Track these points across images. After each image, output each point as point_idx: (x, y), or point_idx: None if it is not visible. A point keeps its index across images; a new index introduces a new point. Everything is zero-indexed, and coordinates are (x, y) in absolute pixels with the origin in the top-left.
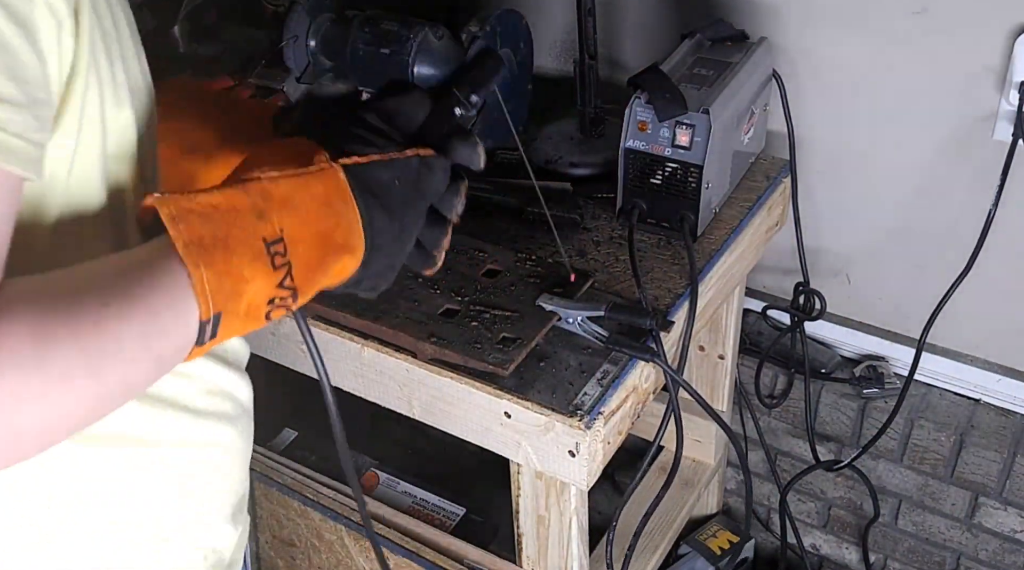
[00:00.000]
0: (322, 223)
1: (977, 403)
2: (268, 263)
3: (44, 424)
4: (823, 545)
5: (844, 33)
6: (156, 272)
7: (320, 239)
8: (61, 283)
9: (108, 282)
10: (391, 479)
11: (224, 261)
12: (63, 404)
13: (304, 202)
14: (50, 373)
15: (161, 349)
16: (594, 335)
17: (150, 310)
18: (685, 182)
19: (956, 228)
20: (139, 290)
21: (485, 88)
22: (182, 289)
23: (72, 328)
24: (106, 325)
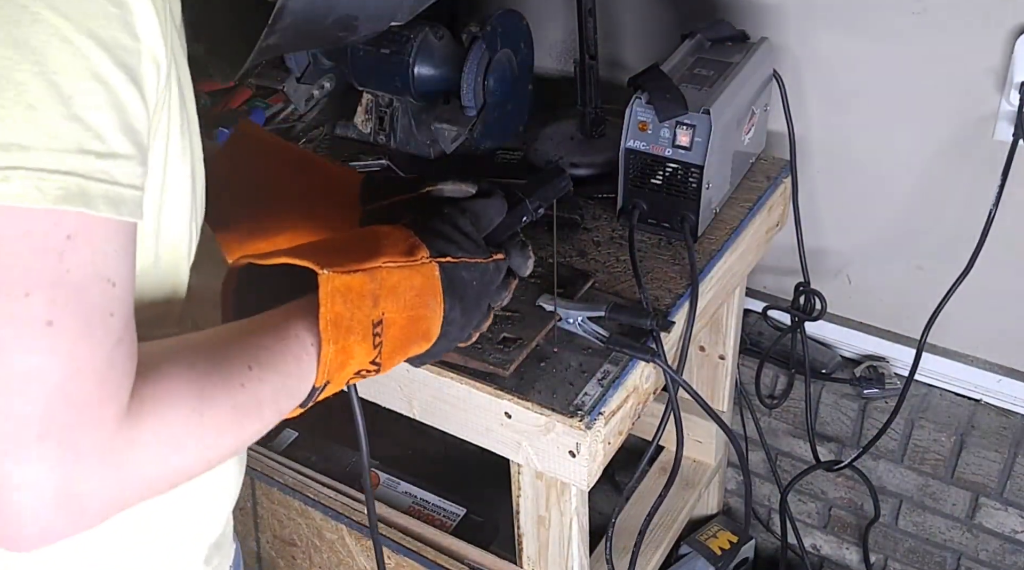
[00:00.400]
0: (415, 311)
1: (977, 403)
2: (371, 342)
3: (195, 469)
4: (823, 545)
5: (844, 33)
6: (289, 340)
7: (410, 325)
8: (207, 346)
9: (248, 346)
10: (391, 479)
11: (344, 339)
12: (213, 453)
13: (406, 291)
14: (207, 426)
15: (286, 407)
16: (594, 335)
17: (283, 373)
18: (686, 182)
19: (956, 228)
20: (275, 356)
21: (550, 202)
22: (308, 357)
23: (224, 388)
24: (251, 386)
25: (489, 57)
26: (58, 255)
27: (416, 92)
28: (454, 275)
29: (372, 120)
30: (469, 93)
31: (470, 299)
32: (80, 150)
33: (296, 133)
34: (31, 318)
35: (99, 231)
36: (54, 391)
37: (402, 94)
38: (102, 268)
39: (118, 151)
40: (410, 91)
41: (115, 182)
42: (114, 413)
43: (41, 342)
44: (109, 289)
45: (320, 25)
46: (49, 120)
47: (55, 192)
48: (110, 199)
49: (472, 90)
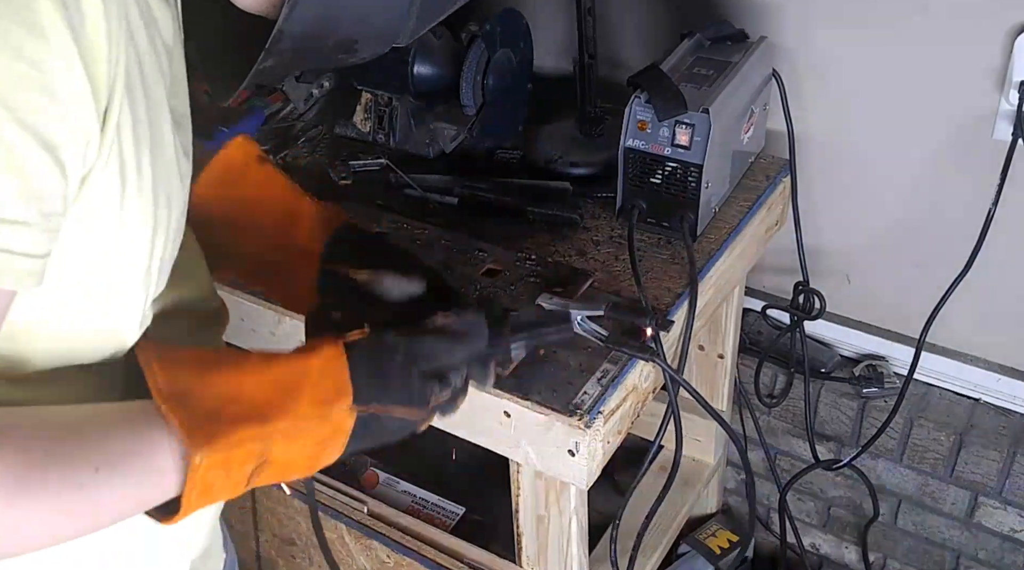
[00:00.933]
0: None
1: (977, 402)
2: (244, 483)
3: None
4: (823, 544)
5: (844, 32)
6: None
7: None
8: (56, 429)
9: (102, 442)
10: (391, 478)
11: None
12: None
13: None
14: (26, 525)
15: (132, 512)
16: (594, 334)
17: (136, 484)
18: (685, 182)
19: (956, 228)
20: (133, 464)
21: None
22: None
23: (57, 489)
24: (90, 491)
25: (488, 56)
26: None
27: (415, 91)
28: (371, 423)
29: (371, 119)
30: (468, 92)
31: (384, 437)
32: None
33: (295, 132)
34: None
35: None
36: None
37: (401, 93)
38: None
39: (12, 217)
40: (409, 90)
41: (8, 250)
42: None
43: None
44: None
45: (319, 48)
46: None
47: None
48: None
49: (471, 89)
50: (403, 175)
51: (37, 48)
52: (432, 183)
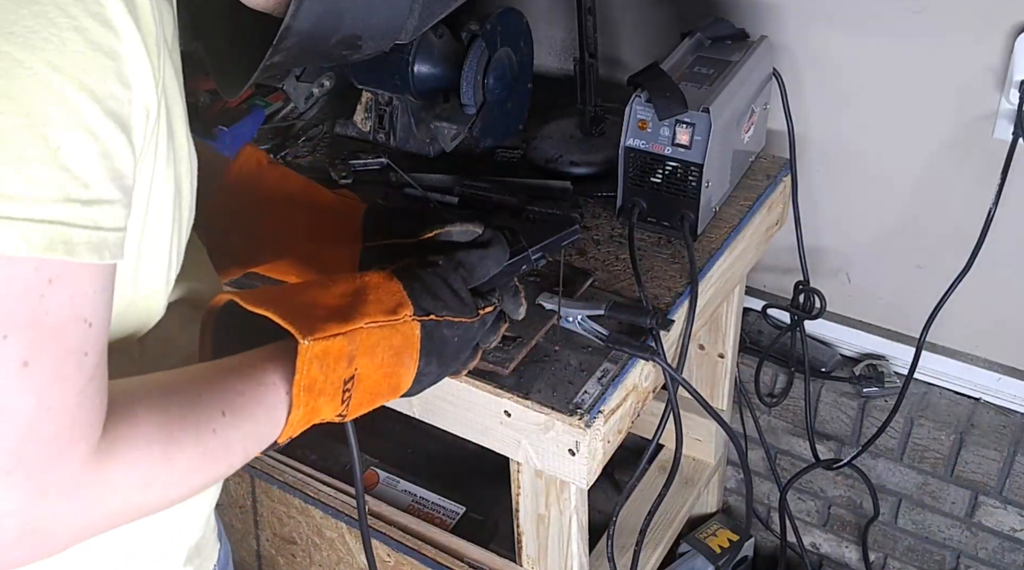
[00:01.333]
0: (388, 368)
1: (977, 402)
2: (340, 399)
3: (159, 507)
4: (823, 544)
5: (844, 32)
6: (266, 387)
7: (383, 380)
8: (182, 387)
9: (224, 391)
10: (391, 478)
11: (314, 401)
12: (179, 493)
13: (384, 350)
14: (174, 469)
15: (253, 452)
16: (594, 334)
17: (255, 421)
18: (685, 181)
19: (956, 227)
20: (250, 403)
21: (555, 252)
22: (282, 406)
23: (195, 432)
24: (223, 432)
25: (489, 55)
26: (38, 298)
27: (416, 90)
28: (435, 333)
29: (372, 118)
30: (469, 91)
31: (449, 354)
32: (66, 199)
33: (295, 131)
34: (7, 359)
35: (80, 274)
36: (25, 429)
37: (402, 92)
38: (80, 309)
39: (103, 197)
40: (410, 89)
41: (99, 227)
42: (83, 451)
43: (15, 382)
44: (85, 329)
45: (324, 45)
46: (36, 171)
47: (40, 241)
48: (93, 245)
49: (472, 88)
50: (403, 174)
51: (111, 40)
52: (432, 182)
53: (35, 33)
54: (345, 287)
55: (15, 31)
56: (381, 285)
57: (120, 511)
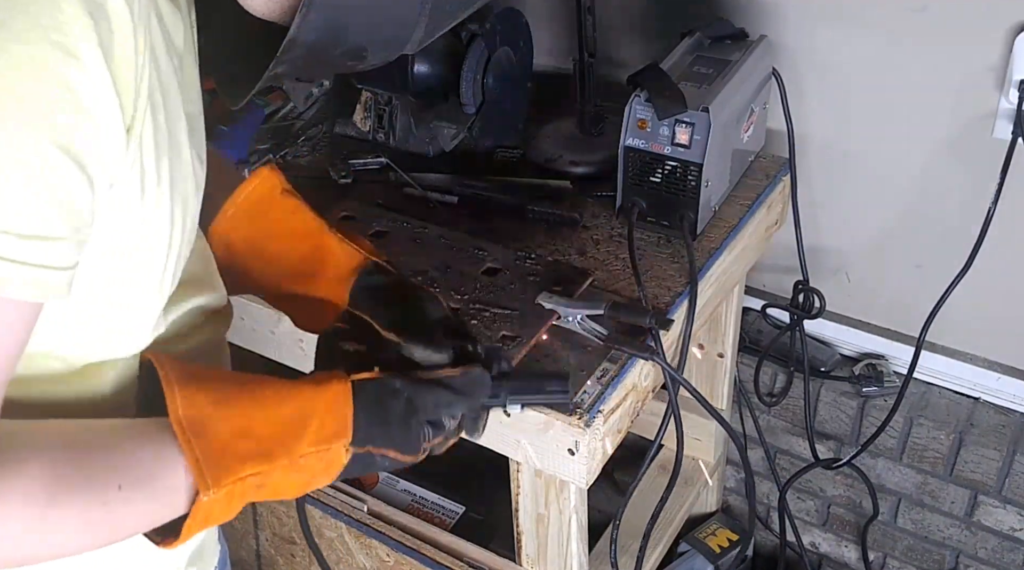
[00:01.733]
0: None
1: (976, 401)
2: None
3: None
4: (822, 543)
5: (844, 31)
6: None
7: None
8: (82, 446)
9: (129, 460)
10: (391, 477)
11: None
12: (54, 552)
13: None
14: (51, 530)
15: (144, 528)
16: (593, 333)
17: (152, 500)
18: (685, 180)
19: (956, 227)
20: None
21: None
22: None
23: (83, 499)
24: (113, 507)
25: (488, 55)
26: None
27: (415, 90)
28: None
29: (371, 118)
30: (468, 91)
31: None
32: (3, 232)
33: (295, 131)
34: None
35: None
36: None
37: (401, 92)
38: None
39: (47, 234)
40: (409, 89)
41: (39, 265)
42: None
43: None
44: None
45: (329, 55)
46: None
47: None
48: (28, 282)
49: (471, 88)
50: (403, 174)
51: (71, 70)
52: (432, 182)
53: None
54: (291, 410)
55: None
56: (331, 406)
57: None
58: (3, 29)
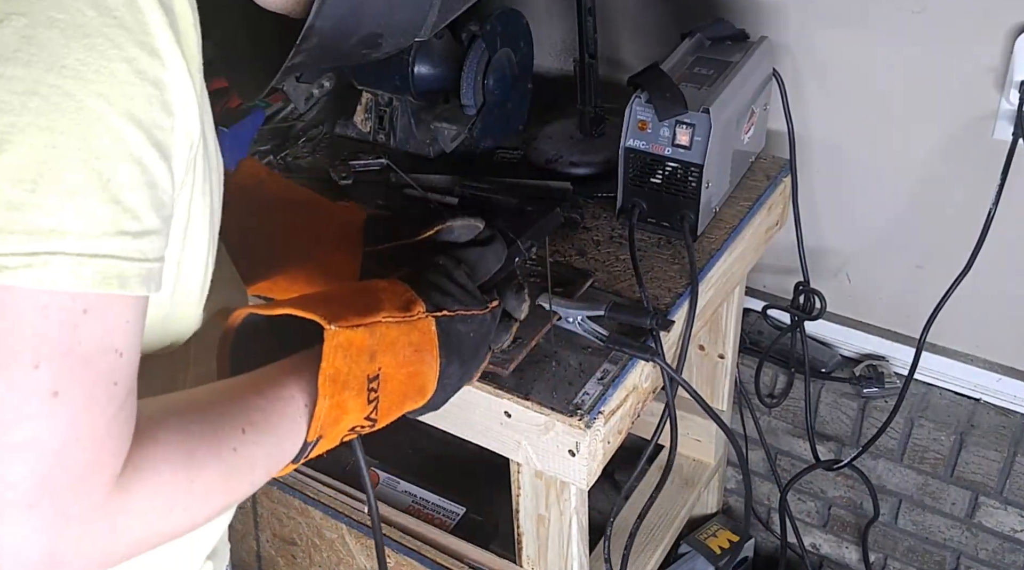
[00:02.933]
0: (411, 367)
1: (977, 402)
2: (366, 398)
3: (182, 532)
4: (823, 544)
5: (844, 32)
6: (284, 400)
7: (408, 380)
8: (201, 407)
9: (243, 408)
10: (391, 478)
11: (340, 394)
12: (201, 515)
13: (403, 347)
14: (196, 492)
15: (276, 468)
16: (594, 334)
17: (277, 435)
18: (685, 181)
19: (956, 227)
20: (270, 418)
21: (543, 239)
22: (301, 418)
23: (216, 453)
24: (243, 451)
25: (489, 56)
26: (72, 328)
27: (416, 91)
28: (450, 329)
29: (372, 119)
30: (469, 92)
31: (467, 351)
32: (118, 232)
33: (296, 132)
34: (37, 389)
35: (116, 305)
36: (53, 459)
37: (402, 93)
38: (112, 339)
39: (150, 228)
40: (410, 90)
41: (146, 259)
42: (107, 480)
43: (45, 412)
44: (116, 359)
45: (345, 44)
46: (88, 205)
47: (91, 277)
48: (142, 277)
49: (472, 89)
50: (403, 175)
51: (157, 68)
52: (432, 183)
53: (86, 66)
54: (354, 289)
55: (67, 64)
56: (390, 287)
57: (142, 538)
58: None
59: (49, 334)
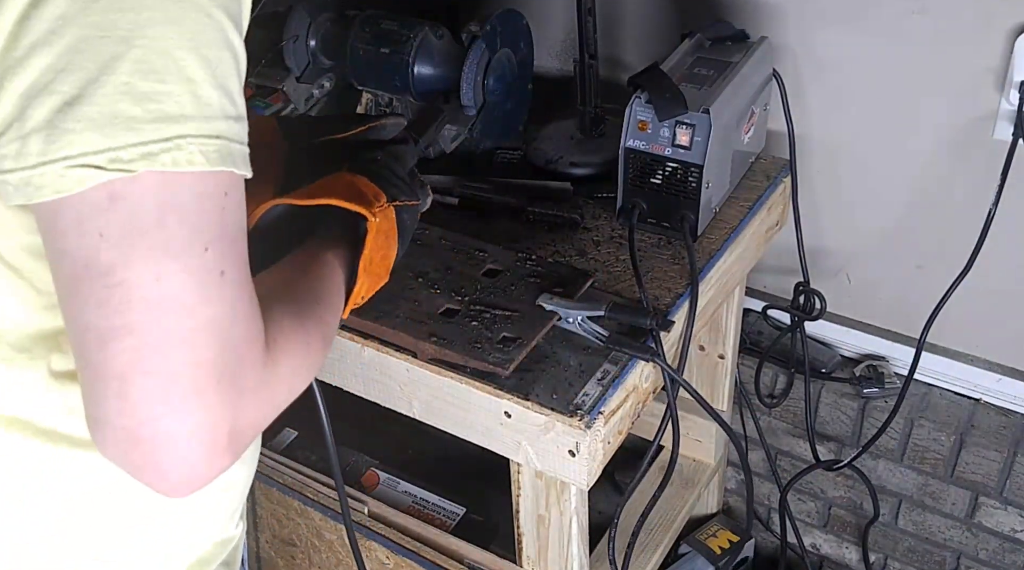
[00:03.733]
0: (384, 250)
1: (977, 403)
2: (369, 277)
3: (303, 389)
4: (823, 545)
5: (844, 33)
6: (334, 273)
7: (381, 263)
8: (288, 284)
9: (312, 281)
10: (391, 479)
11: (365, 273)
12: (311, 375)
13: (383, 233)
14: (312, 354)
15: (334, 331)
16: (594, 335)
17: (332, 304)
18: (685, 182)
19: (956, 228)
20: (330, 289)
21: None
22: (341, 287)
23: (313, 320)
24: (323, 315)
25: (489, 56)
26: (221, 210)
27: (416, 91)
28: (402, 218)
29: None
30: (469, 92)
31: (407, 237)
32: (224, 116)
33: None
34: (210, 270)
35: (238, 186)
36: (225, 336)
37: (402, 93)
38: (241, 219)
39: (242, 113)
40: (410, 90)
41: (243, 142)
42: (261, 351)
43: (216, 292)
44: (245, 238)
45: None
46: (203, 91)
47: (215, 156)
48: (244, 157)
49: (472, 89)
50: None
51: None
52: (432, 183)
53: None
54: (342, 182)
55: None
56: (356, 181)
57: (284, 401)
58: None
59: (208, 217)
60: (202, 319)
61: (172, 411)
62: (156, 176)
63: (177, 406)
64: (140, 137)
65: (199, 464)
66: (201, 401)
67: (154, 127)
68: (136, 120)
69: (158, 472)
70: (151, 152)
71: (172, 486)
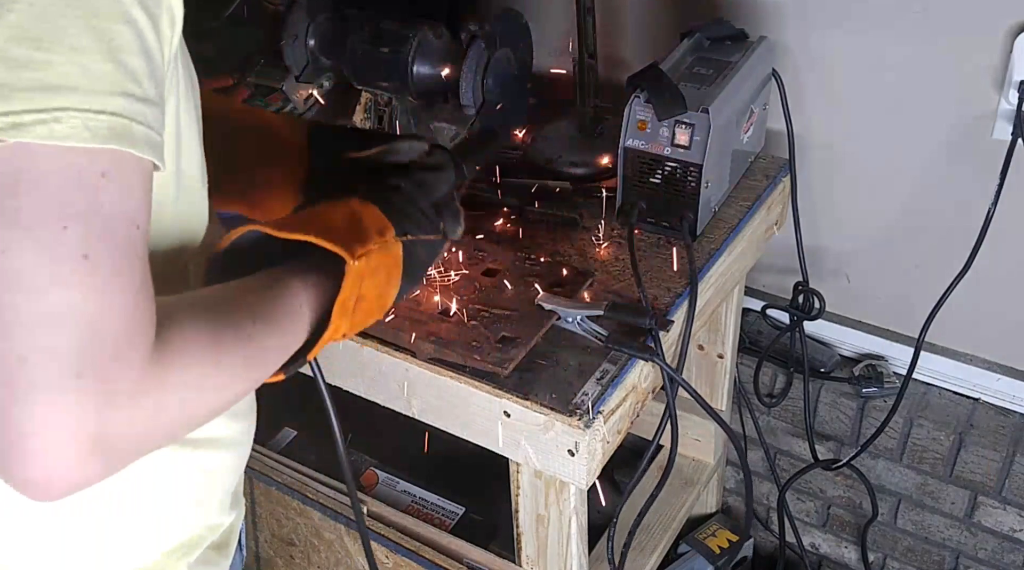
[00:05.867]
0: (381, 289)
1: (976, 402)
2: (351, 316)
3: (211, 414)
4: (822, 544)
5: (844, 32)
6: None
7: (376, 301)
8: (214, 300)
9: (251, 303)
10: (391, 478)
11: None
12: (226, 399)
13: (380, 272)
14: (223, 372)
15: (280, 362)
16: (593, 334)
17: (282, 331)
18: (684, 181)
19: (955, 227)
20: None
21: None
22: (301, 320)
23: (235, 338)
24: (257, 339)
25: (488, 56)
26: (94, 190)
27: (415, 91)
28: (412, 253)
29: (371, 119)
30: (468, 92)
31: (420, 272)
32: (122, 92)
33: None
34: (69, 251)
35: (129, 171)
36: (90, 327)
37: (401, 93)
38: (129, 209)
39: (150, 97)
40: (409, 90)
41: (150, 126)
42: (142, 354)
43: (77, 276)
44: (135, 231)
45: None
46: (92, 62)
47: (103, 132)
48: (148, 141)
49: (471, 89)
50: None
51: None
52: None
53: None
54: (341, 212)
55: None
56: (364, 210)
57: (177, 419)
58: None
59: (73, 194)
60: (56, 302)
61: (17, 400)
62: (20, 145)
63: (23, 396)
64: (8, 106)
65: (57, 466)
66: (54, 394)
67: (27, 95)
68: (6, 87)
69: (5, 468)
70: (21, 122)
71: (22, 484)
